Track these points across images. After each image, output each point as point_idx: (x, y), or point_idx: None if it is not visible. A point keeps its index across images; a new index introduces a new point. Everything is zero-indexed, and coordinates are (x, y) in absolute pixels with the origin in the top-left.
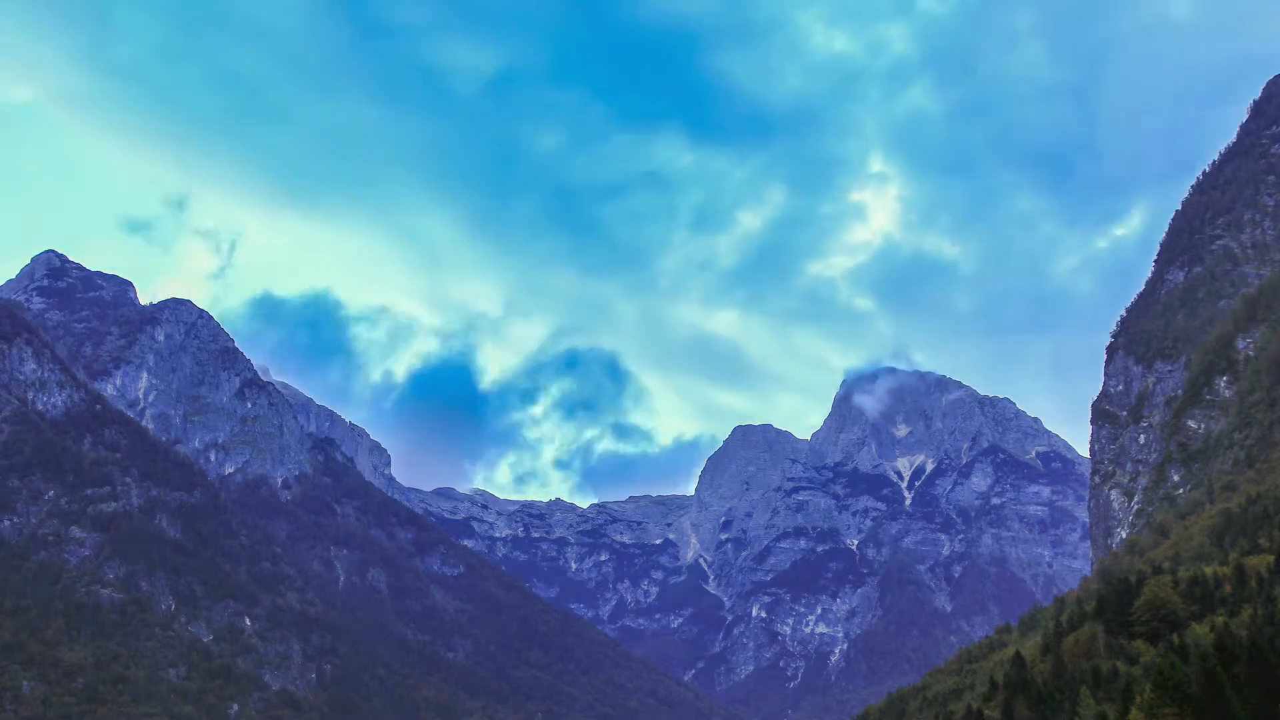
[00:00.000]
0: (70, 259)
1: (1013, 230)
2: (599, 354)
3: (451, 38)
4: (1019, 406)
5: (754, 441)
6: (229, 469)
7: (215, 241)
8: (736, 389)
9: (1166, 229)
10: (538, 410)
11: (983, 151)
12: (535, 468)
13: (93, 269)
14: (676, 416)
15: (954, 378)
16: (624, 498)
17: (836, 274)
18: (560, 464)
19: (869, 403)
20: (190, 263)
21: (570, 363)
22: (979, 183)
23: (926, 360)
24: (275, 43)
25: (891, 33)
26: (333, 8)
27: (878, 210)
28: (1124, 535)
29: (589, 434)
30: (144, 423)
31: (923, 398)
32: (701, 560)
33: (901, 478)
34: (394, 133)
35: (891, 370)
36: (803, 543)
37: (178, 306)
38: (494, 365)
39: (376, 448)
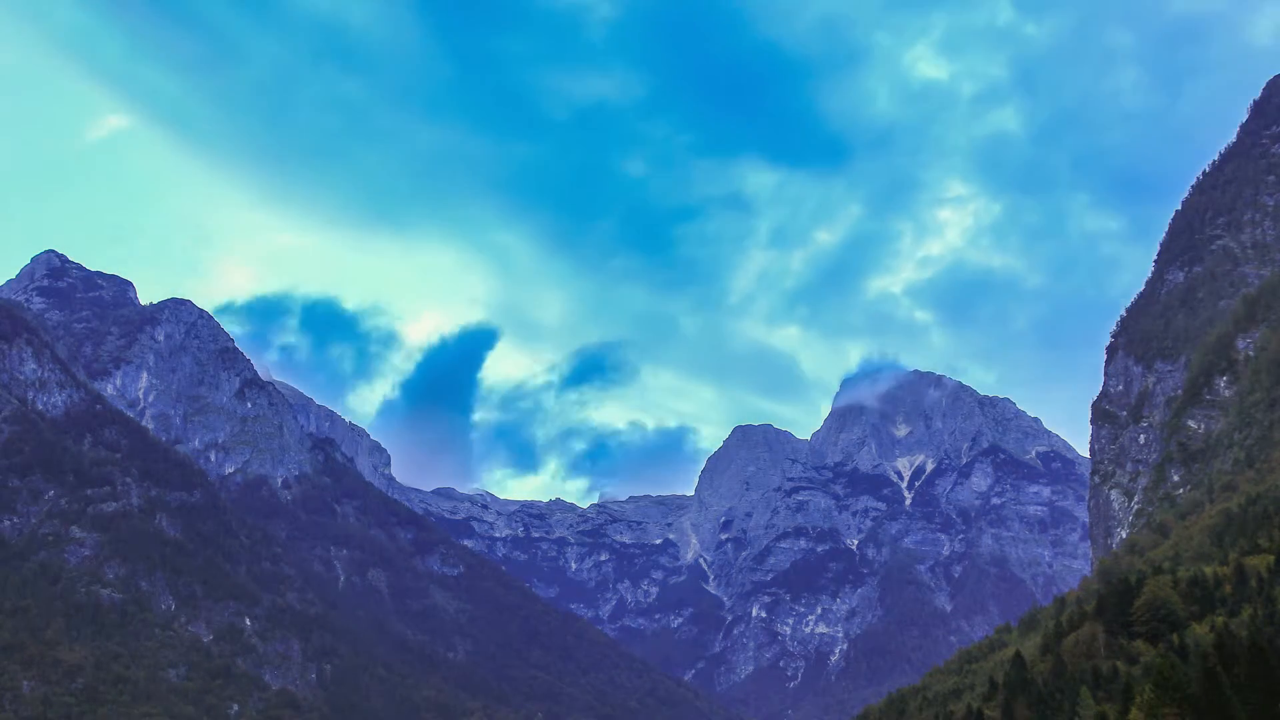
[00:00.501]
0: (70, 259)
1: (1079, 249)
2: (654, 363)
3: (550, 68)
4: (1019, 406)
5: (754, 441)
6: (229, 469)
7: (288, 254)
8: (786, 400)
9: (1166, 229)
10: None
11: (1060, 173)
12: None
13: (93, 269)
14: (717, 424)
15: (964, 382)
16: (624, 498)
17: (899, 289)
18: (577, 462)
19: (869, 402)
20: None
21: (612, 368)
22: (1052, 203)
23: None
24: (384, 71)
25: (986, 58)
26: (442, 38)
27: (950, 228)
28: (1124, 535)
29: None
30: (144, 423)
31: (923, 398)
32: (701, 560)
33: (901, 478)
34: (483, 156)
35: (892, 370)
36: (803, 543)
37: (178, 307)
38: (540, 371)
39: (376, 447)
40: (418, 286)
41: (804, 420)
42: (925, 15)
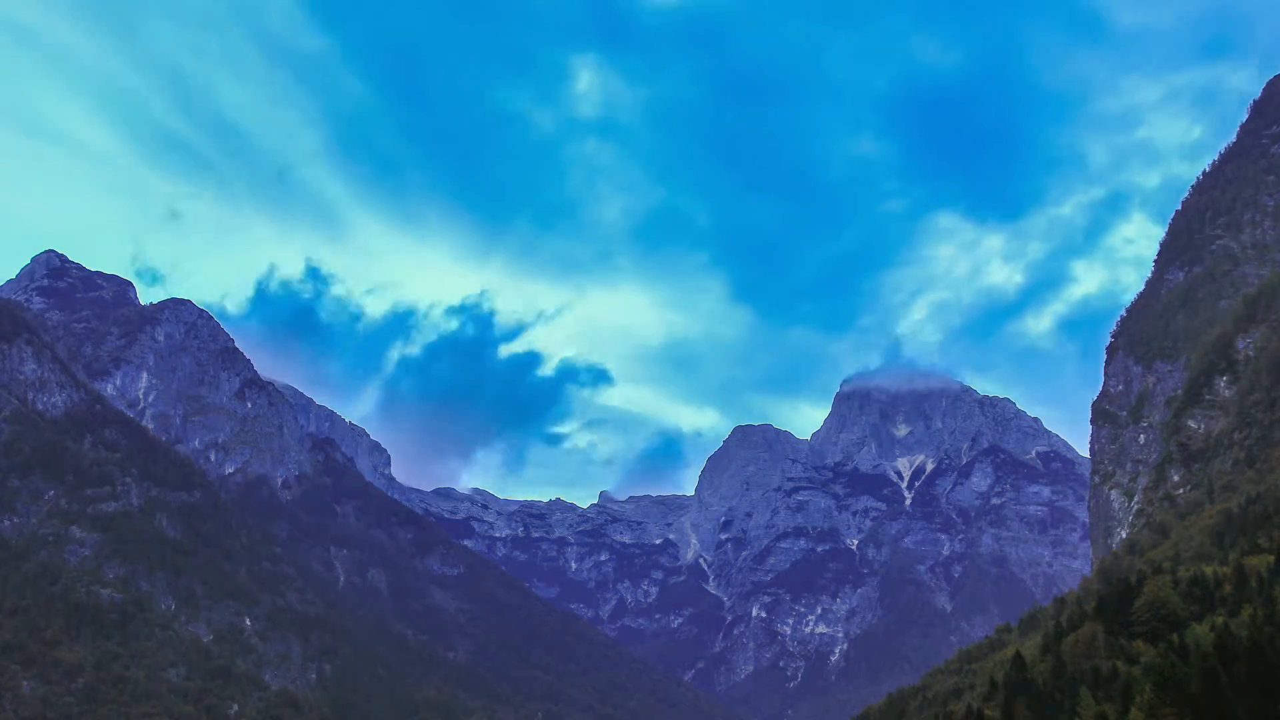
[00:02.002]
0: (70, 259)
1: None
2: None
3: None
4: (1019, 406)
5: (754, 441)
6: (229, 469)
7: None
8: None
9: (1166, 229)
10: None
11: None
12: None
13: (93, 269)
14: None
15: (955, 377)
16: (624, 498)
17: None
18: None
19: (869, 402)
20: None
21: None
22: None
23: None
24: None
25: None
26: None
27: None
28: (1124, 535)
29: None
30: (144, 423)
31: (923, 398)
32: (701, 560)
33: (901, 478)
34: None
35: (892, 370)
36: (803, 543)
37: (178, 306)
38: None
39: (376, 447)
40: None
41: (804, 420)
42: None
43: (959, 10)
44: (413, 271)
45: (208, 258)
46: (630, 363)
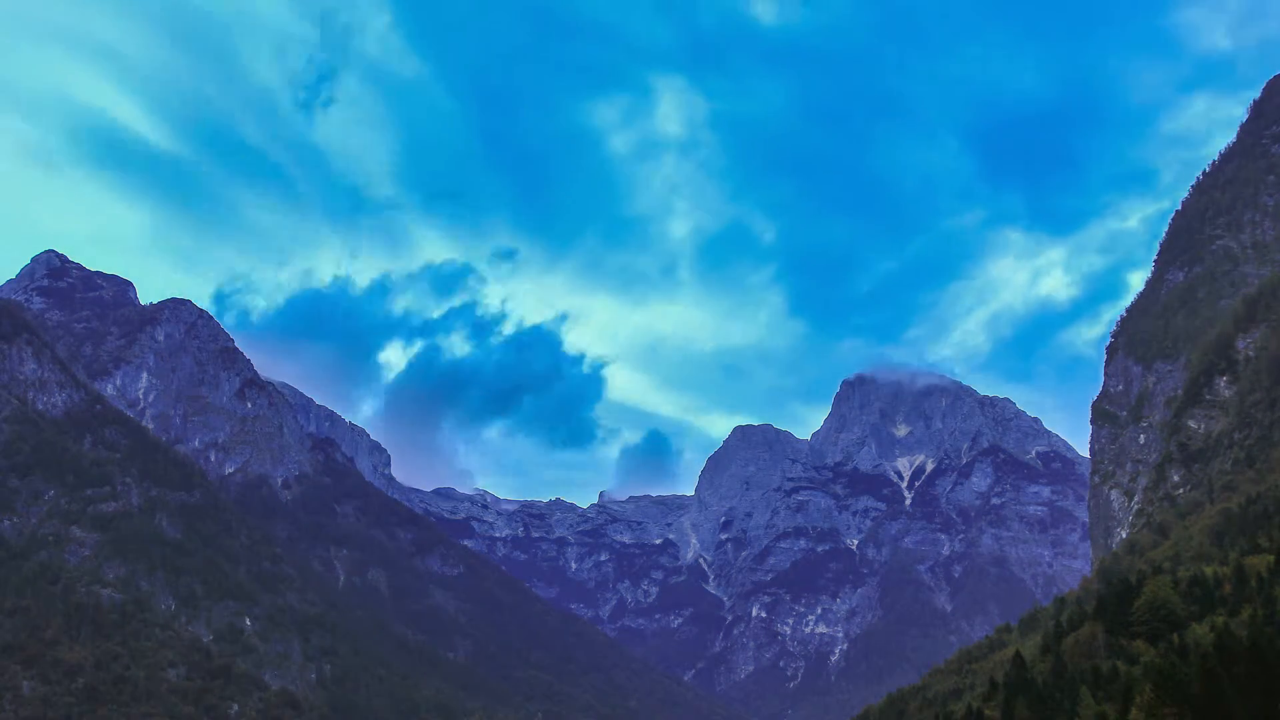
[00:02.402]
0: (70, 259)
1: None
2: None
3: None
4: (1019, 406)
5: (754, 441)
6: (229, 469)
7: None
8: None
9: (1166, 229)
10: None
11: None
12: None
13: (93, 269)
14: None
15: (953, 377)
16: (624, 498)
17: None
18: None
19: (869, 402)
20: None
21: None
22: None
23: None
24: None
25: None
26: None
27: None
28: (1124, 535)
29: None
30: (144, 423)
31: (923, 398)
32: (701, 560)
33: (901, 478)
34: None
35: (892, 370)
36: (803, 543)
37: (178, 306)
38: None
39: (376, 447)
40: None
41: (804, 420)
42: None
43: (1038, 34)
44: (480, 283)
45: (281, 269)
46: (677, 369)
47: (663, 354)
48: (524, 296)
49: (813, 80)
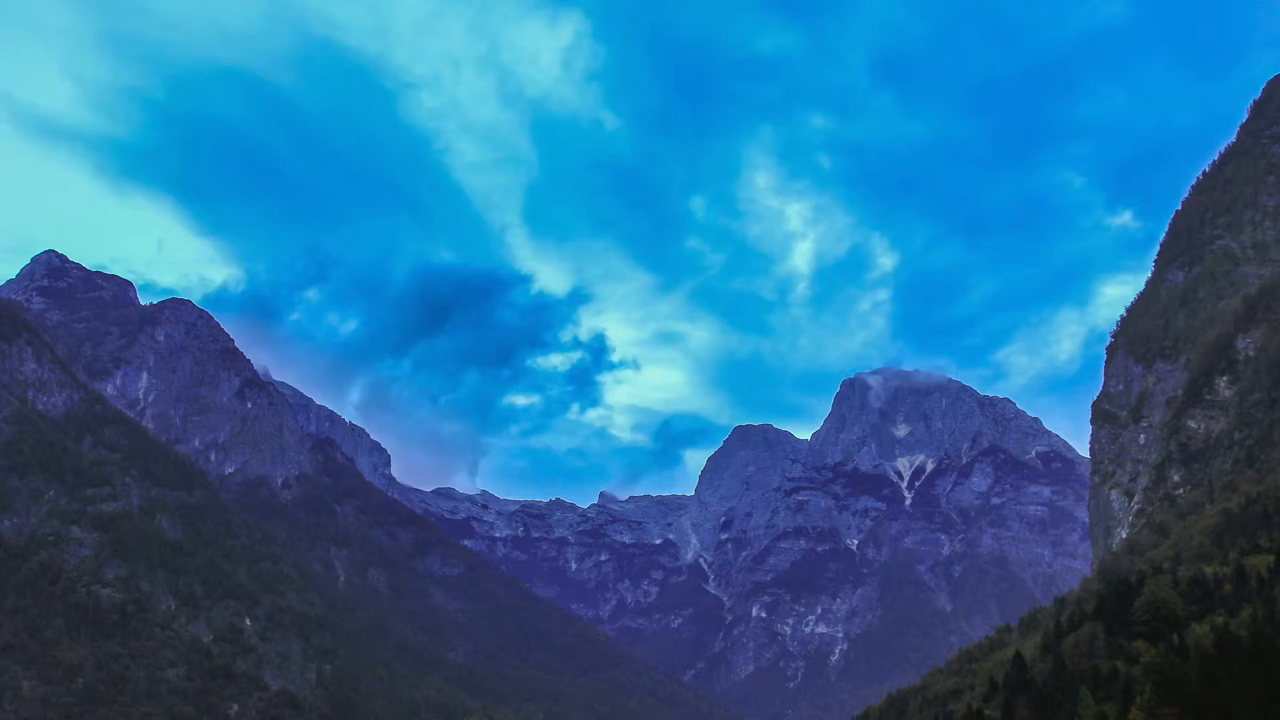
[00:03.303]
0: (70, 259)
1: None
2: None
3: None
4: (1019, 406)
5: (754, 441)
6: (229, 469)
7: None
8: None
9: (1166, 229)
10: None
11: None
12: None
13: (93, 268)
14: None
15: (954, 377)
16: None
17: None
18: None
19: (869, 402)
20: None
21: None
22: None
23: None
24: None
25: None
26: None
27: None
28: (1124, 535)
29: None
30: (144, 423)
31: (923, 398)
32: (701, 560)
33: (901, 478)
34: None
35: (892, 370)
36: (803, 543)
37: (178, 306)
38: None
39: (376, 448)
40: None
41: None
42: None
43: (1181, 64)
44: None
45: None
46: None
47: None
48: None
49: (958, 116)
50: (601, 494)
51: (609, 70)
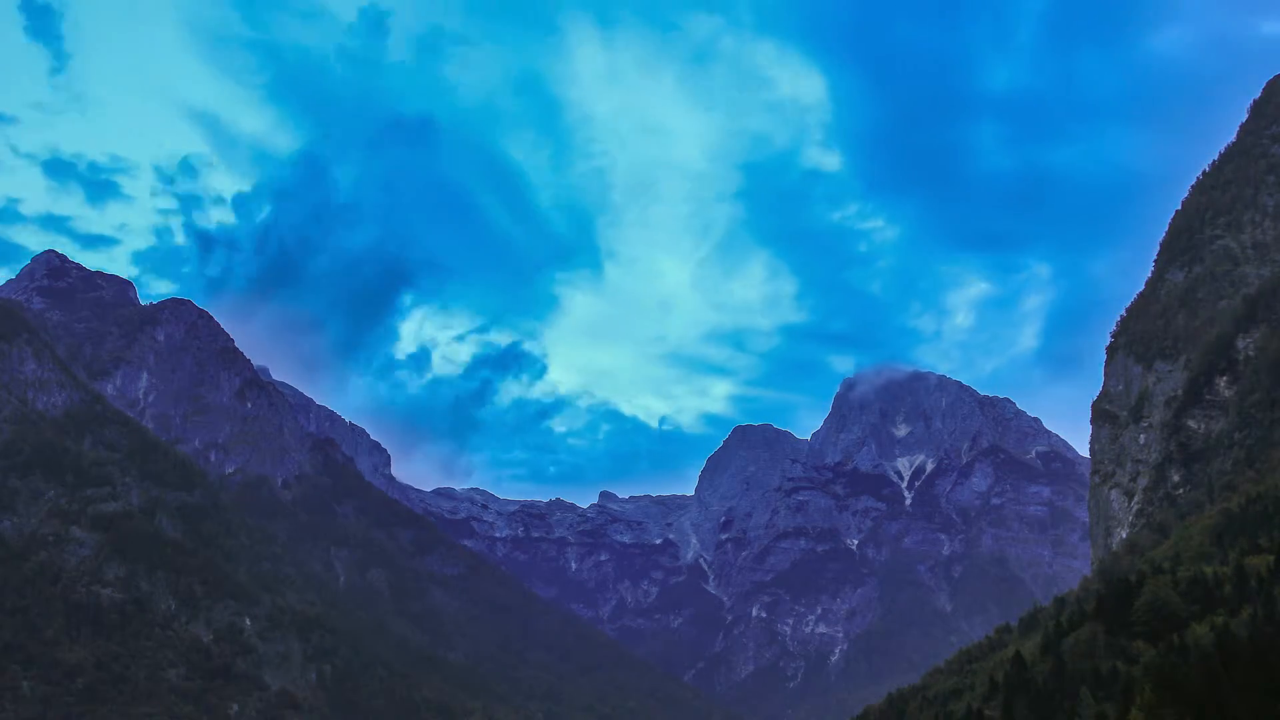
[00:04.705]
0: (70, 259)
1: None
2: None
3: None
4: (1019, 406)
5: (754, 441)
6: (229, 469)
7: None
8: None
9: (1166, 229)
10: None
11: None
12: None
13: (93, 269)
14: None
15: (953, 378)
16: (625, 496)
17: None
18: None
19: (869, 402)
20: None
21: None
22: None
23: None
24: None
25: None
26: None
27: None
28: (1124, 535)
29: None
30: (144, 423)
31: (923, 398)
32: (701, 560)
33: (901, 478)
34: None
35: (892, 370)
36: (803, 543)
37: (178, 306)
38: None
39: (376, 448)
40: None
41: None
42: None
43: None
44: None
45: None
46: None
47: None
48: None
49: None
50: (601, 494)
51: None
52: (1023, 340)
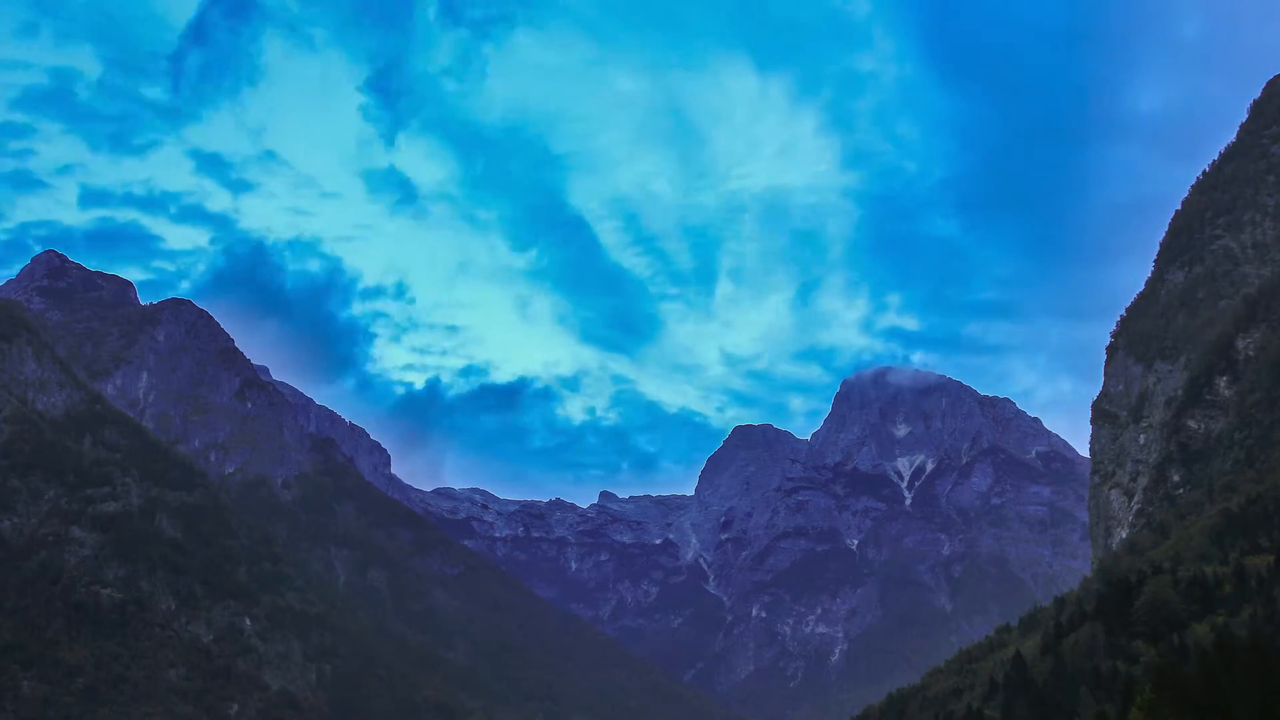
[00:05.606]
0: (70, 259)
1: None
2: None
3: None
4: (1019, 406)
5: (754, 441)
6: (229, 469)
7: None
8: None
9: (1166, 229)
10: None
11: None
12: None
13: (93, 269)
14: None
15: (954, 378)
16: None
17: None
18: None
19: (869, 402)
20: None
21: None
22: None
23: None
24: None
25: None
26: None
27: None
28: (1124, 535)
29: None
30: (144, 423)
31: (923, 398)
32: (701, 560)
33: (901, 478)
34: None
35: (892, 370)
36: (803, 543)
37: (178, 306)
38: None
39: (376, 447)
40: None
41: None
42: None
43: None
44: None
45: None
46: None
47: None
48: None
49: None
50: (601, 494)
51: None
52: None
